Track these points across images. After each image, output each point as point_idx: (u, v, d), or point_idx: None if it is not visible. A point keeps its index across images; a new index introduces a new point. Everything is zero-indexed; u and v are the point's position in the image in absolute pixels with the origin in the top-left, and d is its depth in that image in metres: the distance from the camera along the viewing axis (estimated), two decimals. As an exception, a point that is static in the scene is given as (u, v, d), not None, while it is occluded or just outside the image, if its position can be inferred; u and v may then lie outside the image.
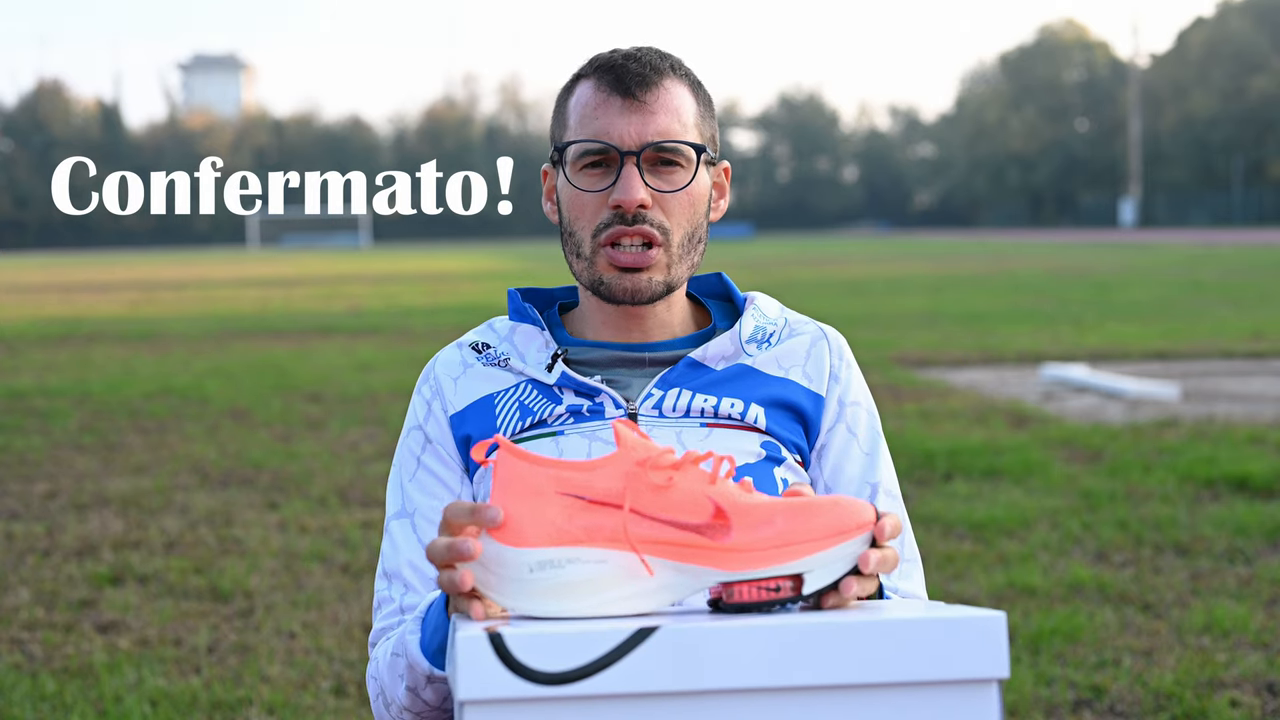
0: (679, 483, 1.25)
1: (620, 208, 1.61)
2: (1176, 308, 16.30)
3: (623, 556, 1.23)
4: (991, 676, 1.18)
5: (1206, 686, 3.44)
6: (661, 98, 1.62)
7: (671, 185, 1.63)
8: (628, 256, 1.62)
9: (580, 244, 1.65)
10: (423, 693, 1.51)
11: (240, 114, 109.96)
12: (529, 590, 1.23)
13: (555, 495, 1.25)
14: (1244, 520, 5.11)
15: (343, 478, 6.41)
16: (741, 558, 1.24)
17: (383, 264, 42.76)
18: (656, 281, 1.64)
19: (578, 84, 1.67)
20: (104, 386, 10.09)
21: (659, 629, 1.14)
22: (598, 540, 1.23)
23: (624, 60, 1.64)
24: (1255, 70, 73.13)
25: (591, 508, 1.24)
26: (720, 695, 1.15)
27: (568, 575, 1.23)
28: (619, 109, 1.62)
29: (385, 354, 12.33)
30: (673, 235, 1.64)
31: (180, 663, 3.81)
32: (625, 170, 1.61)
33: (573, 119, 1.65)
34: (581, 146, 1.63)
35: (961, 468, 6.27)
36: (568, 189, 1.66)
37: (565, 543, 1.23)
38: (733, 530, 1.24)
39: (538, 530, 1.23)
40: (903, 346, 12.02)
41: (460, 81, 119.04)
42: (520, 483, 1.25)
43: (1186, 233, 59.02)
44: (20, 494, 6.18)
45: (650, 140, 1.61)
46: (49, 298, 24.41)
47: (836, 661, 1.16)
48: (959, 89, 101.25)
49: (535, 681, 1.13)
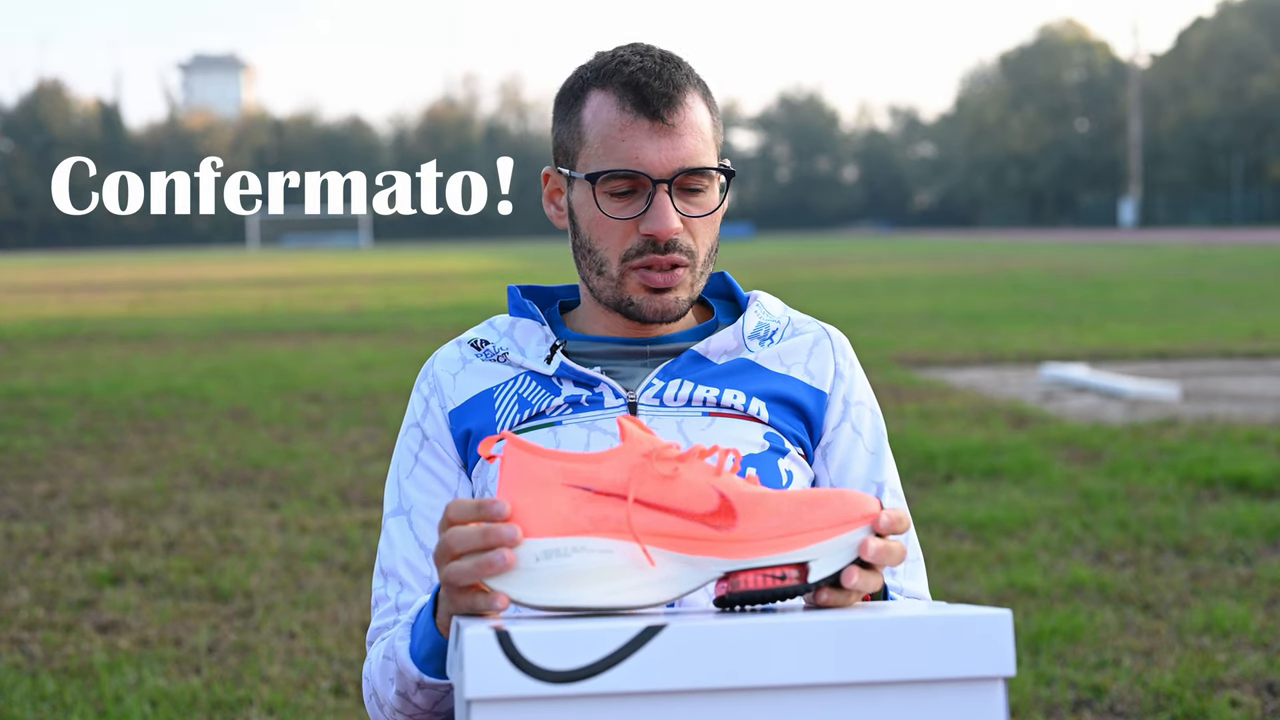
0: (684, 474, 1.26)
1: (654, 237, 1.61)
2: (1176, 308, 16.30)
3: (629, 547, 1.24)
4: (997, 674, 1.18)
5: (1206, 686, 3.44)
6: (686, 117, 1.61)
7: (701, 210, 1.63)
8: (659, 279, 1.63)
9: (604, 263, 1.64)
10: (414, 697, 1.51)
11: (240, 114, 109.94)
12: (534, 579, 1.23)
13: (561, 487, 1.25)
14: (1244, 520, 5.11)
15: (343, 478, 6.41)
16: (747, 547, 1.24)
17: (383, 264, 42.76)
18: (683, 300, 1.65)
19: (590, 93, 1.64)
20: (104, 386, 10.09)
21: (666, 627, 1.14)
22: (604, 530, 1.24)
23: (643, 76, 1.61)
24: (1255, 70, 73.11)
25: (598, 499, 1.25)
26: (727, 693, 1.15)
27: (573, 564, 1.23)
28: (646, 133, 1.60)
29: (385, 354, 12.33)
30: (699, 255, 1.65)
31: (180, 663, 3.81)
32: (658, 199, 1.60)
33: (592, 136, 1.62)
34: (611, 173, 1.61)
35: (961, 468, 6.27)
36: (591, 210, 1.64)
37: (571, 532, 1.24)
38: (738, 520, 1.25)
39: (544, 520, 1.24)
40: (903, 346, 12.02)
41: (460, 81, 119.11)
42: (527, 474, 1.26)
43: (1186, 233, 59.02)
44: (20, 494, 6.18)
45: (681, 167, 1.60)
46: (49, 298, 24.41)
47: (843, 659, 1.16)
48: (959, 89, 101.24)
49: (543, 680, 1.13)
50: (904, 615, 1.19)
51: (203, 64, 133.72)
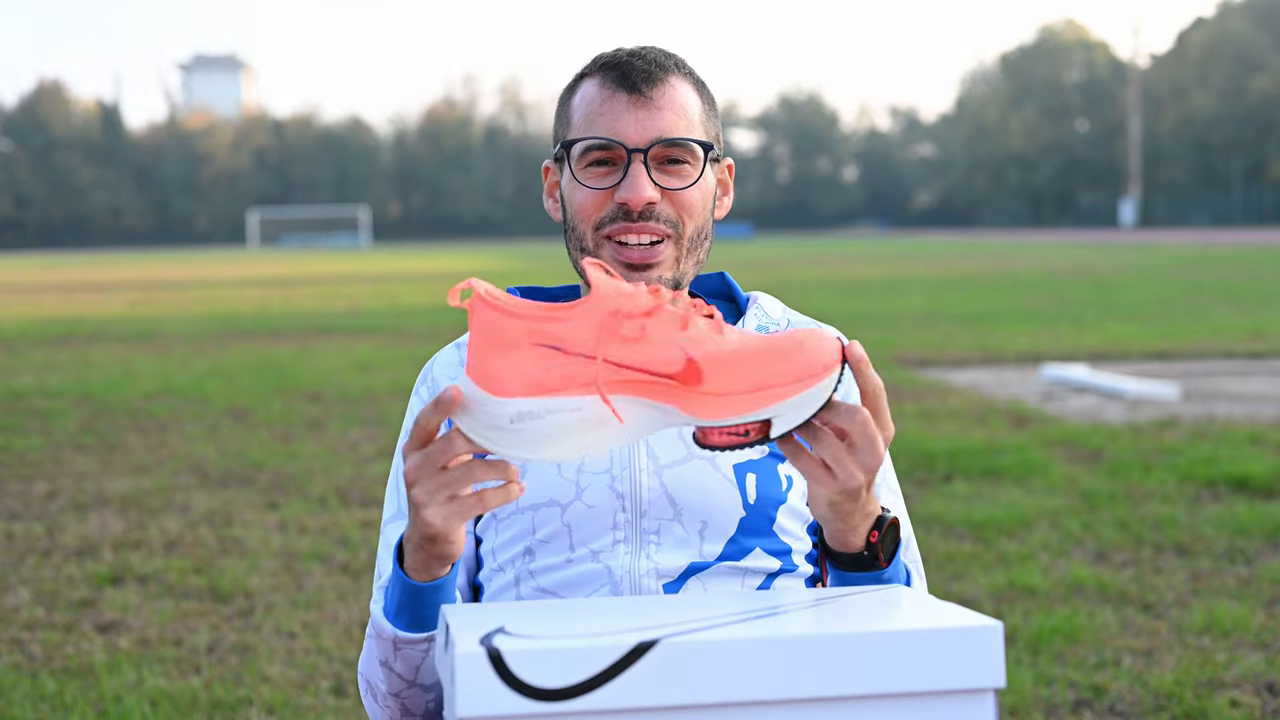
0: (651, 332, 1.27)
1: (626, 204, 1.60)
2: (1176, 308, 16.30)
3: (598, 404, 1.27)
4: (988, 686, 1.18)
5: (1206, 686, 3.44)
6: (667, 94, 1.62)
7: (680, 182, 1.63)
8: (636, 254, 1.62)
9: (583, 237, 1.65)
10: (394, 665, 1.51)
11: (240, 114, 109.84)
12: (511, 439, 1.28)
13: (530, 345, 1.27)
14: (1244, 520, 5.11)
15: (343, 478, 6.41)
16: (712, 403, 1.27)
17: (383, 264, 42.76)
18: (666, 279, 1.64)
19: (581, 82, 1.67)
20: (104, 386, 10.08)
21: (658, 643, 1.15)
22: (573, 388, 1.26)
23: (629, 58, 1.63)
24: (1255, 70, 73.11)
25: (567, 358, 1.27)
26: (718, 708, 1.15)
27: (547, 425, 1.26)
28: (625, 105, 1.61)
29: (385, 354, 12.33)
30: (684, 229, 1.64)
31: (180, 663, 3.81)
32: (633, 168, 1.60)
33: (577, 116, 1.65)
34: (587, 143, 1.62)
35: (961, 468, 6.27)
36: (572, 186, 1.65)
37: (542, 393, 1.26)
38: (704, 379, 1.27)
39: (516, 381, 1.27)
40: (903, 346, 12.02)
41: (460, 81, 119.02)
42: (496, 334, 1.28)
43: (1186, 233, 59.02)
44: (20, 494, 6.18)
45: (658, 137, 1.60)
46: (49, 298, 24.40)
47: (833, 673, 1.16)
48: (959, 89, 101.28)
49: (535, 698, 1.13)
50: (894, 629, 1.19)
51: (203, 64, 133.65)
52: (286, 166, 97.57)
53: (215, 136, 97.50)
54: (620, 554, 1.59)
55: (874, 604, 1.31)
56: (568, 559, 1.60)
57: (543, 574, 1.61)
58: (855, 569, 1.47)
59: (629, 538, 1.60)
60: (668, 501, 1.60)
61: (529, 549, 1.62)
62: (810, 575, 1.65)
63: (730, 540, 1.60)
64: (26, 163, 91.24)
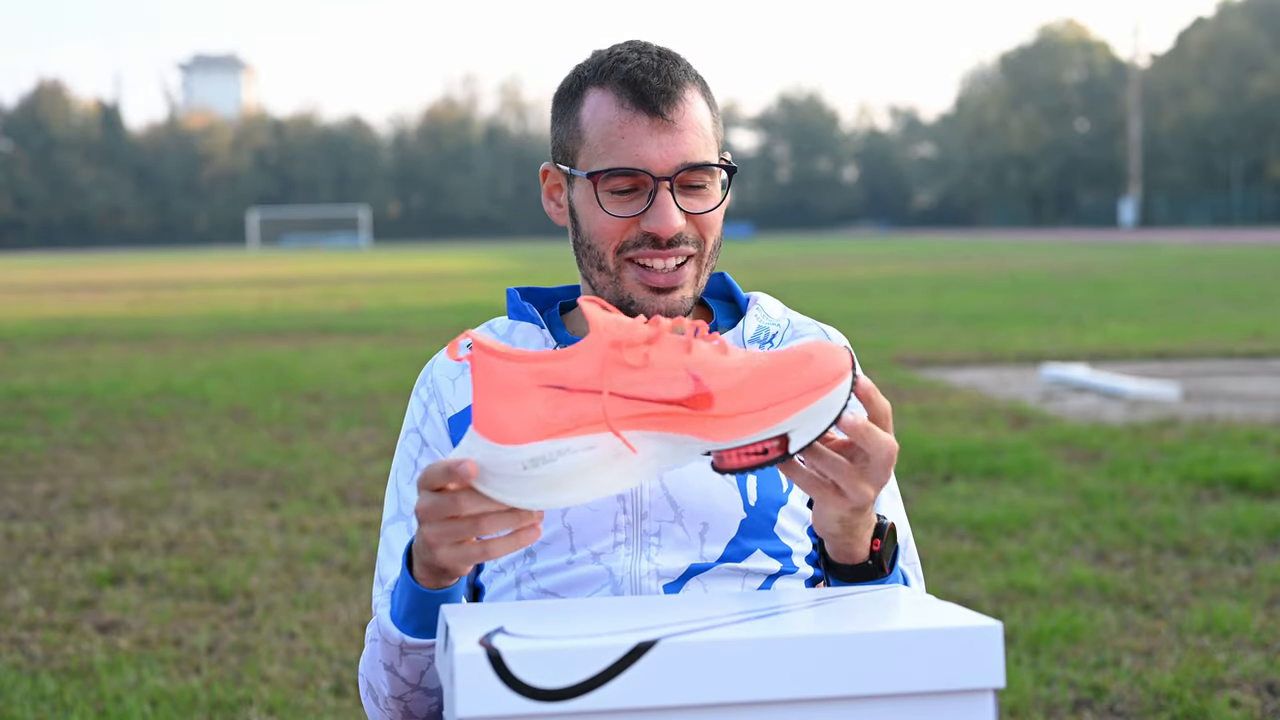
0: (655, 359, 1.26)
1: (656, 235, 1.59)
2: (1176, 308, 16.30)
3: (611, 439, 1.25)
4: (987, 686, 1.18)
5: (1206, 686, 3.44)
6: (686, 113, 1.60)
7: (705, 205, 1.63)
8: (661, 278, 1.62)
9: (601, 257, 1.63)
10: (399, 669, 1.51)
11: (240, 114, 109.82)
12: (528, 487, 1.25)
13: (536, 388, 1.25)
14: (1244, 520, 5.11)
15: (343, 478, 6.41)
16: (725, 425, 1.25)
17: (383, 264, 42.76)
18: (688, 298, 1.64)
19: (588, 91, 1.63)
20: (104, 386, 10.08)
21: (657, 643, 1.15)
22: (583, 427, 1.24)
23: (641, 73, 1.60)
24: (1255, 70, 73.10)
25: (573, 396, 1.25)
26: (718, 709, 1.15)
27: (560, 468, 1.24)
28: (646, 130, 1.59)
29: (385, 354, 12.33)
30: (706, 246, 1.64)
31: (180, 663, 3.81)
32: (660, 196, 1.59)
33: (592, 135, 1.61)
34: (612, 171, 1.59)
35: (961, 468, 6.27)
36: (592, 208, 1.62)
37: (553, 435, 1.24)
38: (714, 401, 1.25)
39: (524, 426, 1.25)
40: (903, 346, 12.02)
41: (460, 81, 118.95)
42: (499, 380, 1.26)
43: (1186, 233, 59.01)
44: (20, 494, 6.18)
45: (683, 163, 1.59)
46: (49, 298, 24.40)
47: (833, 673, 1.16)
48: (959, 89, 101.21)
49: (534, 698, 1.13)
50: (894, 629, 1.19)
51: (203, 64, 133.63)
52: (286, 166, 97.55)
53: (215, 136, 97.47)
54: (621, 555, 1.59)
55: (874, 604, 1.31)
56: (568, 560, 1.60)
57: (543, 575, 1.61)
58: (858, 579, 1.48)
59: (630, 539, 1.60)
60: (669, 503, 1.60)
61: (530, 550, 1.62)
62: (810, 576, 1.65)
63: (731, 542, 1.61)
64: (26, 163, 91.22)
